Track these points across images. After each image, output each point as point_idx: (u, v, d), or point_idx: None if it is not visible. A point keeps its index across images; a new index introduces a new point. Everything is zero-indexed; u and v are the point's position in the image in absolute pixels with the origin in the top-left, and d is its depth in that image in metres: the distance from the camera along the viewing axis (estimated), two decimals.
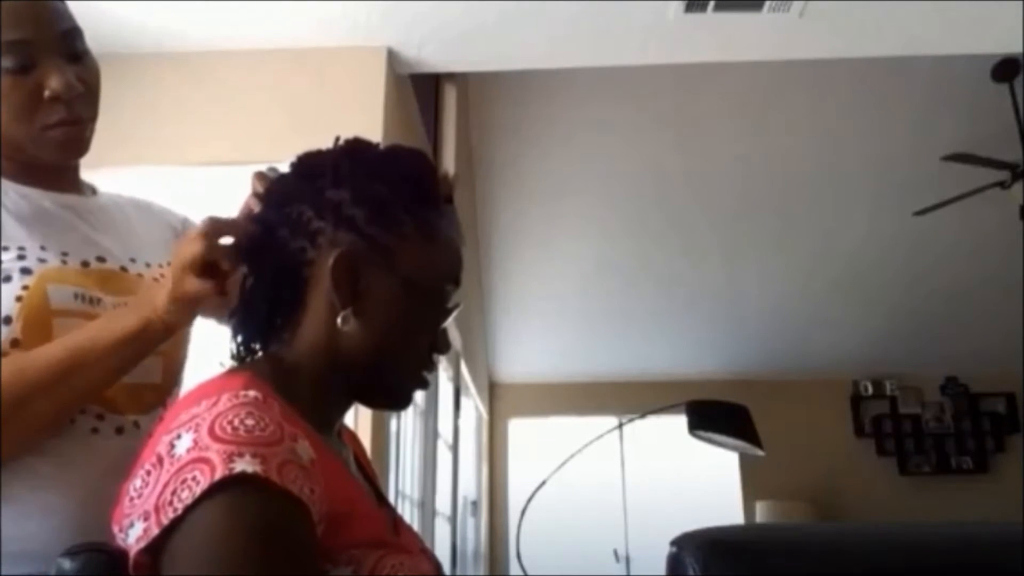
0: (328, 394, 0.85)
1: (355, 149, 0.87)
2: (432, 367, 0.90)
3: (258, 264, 0.85)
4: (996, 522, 0.92)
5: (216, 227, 0.85)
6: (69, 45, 1.00)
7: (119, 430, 0.96)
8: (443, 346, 0.89)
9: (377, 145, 0.88)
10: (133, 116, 2.70)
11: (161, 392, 1.04)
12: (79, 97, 0.99)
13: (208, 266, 0.84)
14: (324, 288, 0.82)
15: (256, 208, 0.88)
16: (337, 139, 0.88)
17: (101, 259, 1.02)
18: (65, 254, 0.99)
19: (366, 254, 0.82)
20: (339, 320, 0.81)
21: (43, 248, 0.96)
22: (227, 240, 0.86)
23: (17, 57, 0.95)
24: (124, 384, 0.96)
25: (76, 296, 0.96)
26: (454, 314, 0.90)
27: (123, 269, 1.04)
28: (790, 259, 5.86)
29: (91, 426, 0.94)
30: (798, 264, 5.90)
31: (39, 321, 0.92)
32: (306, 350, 0.83)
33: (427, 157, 0.89)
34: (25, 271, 0.94)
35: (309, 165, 0.86)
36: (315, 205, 0.82)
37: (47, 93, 0.96)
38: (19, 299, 0.92)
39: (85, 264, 1.00)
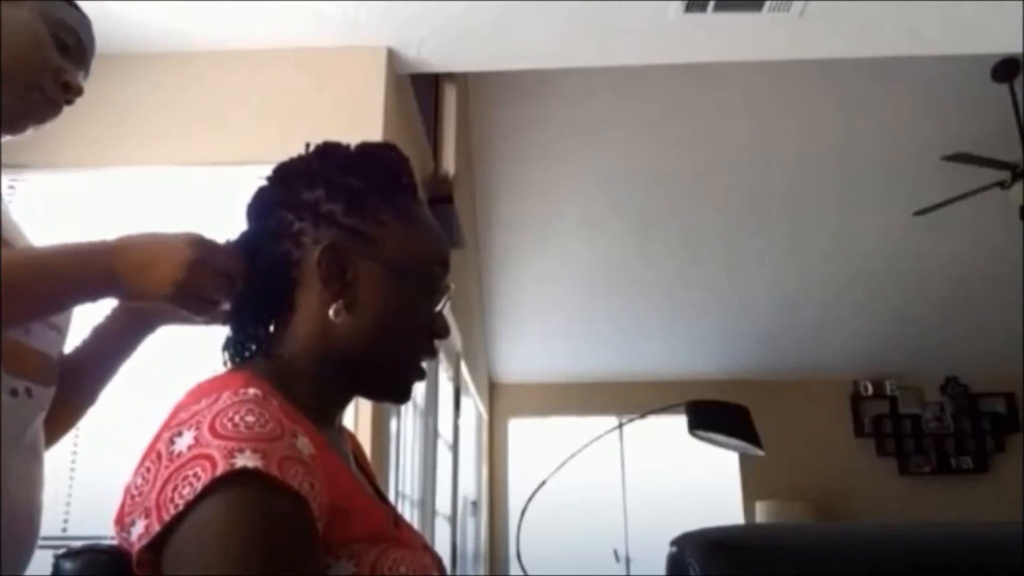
0: (327, 390, 0.85)
1: (326, 150, 0.90)
2: (432, 353, 0.90)
3: (247, 276, 0.87)
4: (996, 522, 0.92)
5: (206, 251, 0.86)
6: (88, 64, 1.11)
7: (13, 392, 0.96)
8: (442, 330, 0.90)
9: (348, 145, 0.90)
10: (133, 116, 2.71)
11: (55, 369, 1.05)
12: (68, 102, 1.07)
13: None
14: (314, 286, 0.83)
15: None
16: (307, 145, 0.90)
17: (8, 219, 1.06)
18: None
19: (349, 245, 0.83)
20: (331, 312, 0.82)
21: None
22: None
23: (70, 38, 1.05)
24: (29, 348, 0.98)
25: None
26: (447, 297, 0.90)
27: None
28: (791, 259, 5.87)
29: None
30: (798, 264, 5.90)
31: None
32: (302, 348, 0.84)
33: (397, 148, 0.91)
34: None
35: (283, 172, 0.89)
36: (293, 208, 0.85)
37: (64, 77, 1.04)
38: None
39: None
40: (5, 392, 0.95)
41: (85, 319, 1.12)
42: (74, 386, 1.10)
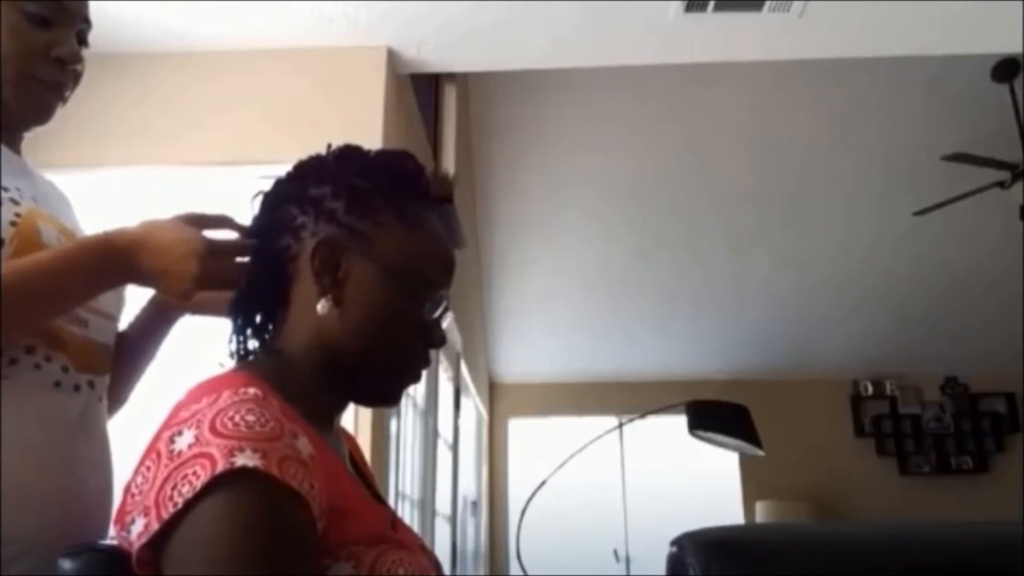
0: (324, 391, 0.86)
1: (344, 152, 0.91)
2: (426, 362, 0.89)
3: (251, 266, 0.89)
4: (996, 522, 0.92)
5: (212, 249, 0.87)
6: (83, 30, 1.06)
7: (76, 387, 0.97)
8: (437, 339, 0.89)
9: (368, 150, 0.91)
10: (133, 116, 2.71)
11: (111, 357, 1.05)
12: (74, 72, 1.04)
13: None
14: (308, 281, 0.84)
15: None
16: (329, 146, 0.91)
17: (53, 216, 1.03)
18: (35, 199, 1.00)
19: (345, 242, 0.84)
20: (319, 307, 0.83)
21: (18, 189, 0.97)
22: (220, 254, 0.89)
23: (43, 8, 0.99)
24: (94, 342, 0.99)
25: (57, 239, 0.97)
26: (443, 307, 0.90)
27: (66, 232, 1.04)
28: (791, 259, 5.87)
29: (55, 379, 0.94)
30: (798, 264, 5.90)
31: (30, 251, 0.91)
32: (299, 346, 0.85)
33: (413, 156, 0.91)
34: (14, 201, 0.94)
35: (299, 169, 0.90)
36: (299, 203, 0.87)
37: (54, 53, 1.00)
38: (13, 224, 0.92)
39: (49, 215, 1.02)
40: (70, 388, 0.96)
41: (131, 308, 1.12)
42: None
